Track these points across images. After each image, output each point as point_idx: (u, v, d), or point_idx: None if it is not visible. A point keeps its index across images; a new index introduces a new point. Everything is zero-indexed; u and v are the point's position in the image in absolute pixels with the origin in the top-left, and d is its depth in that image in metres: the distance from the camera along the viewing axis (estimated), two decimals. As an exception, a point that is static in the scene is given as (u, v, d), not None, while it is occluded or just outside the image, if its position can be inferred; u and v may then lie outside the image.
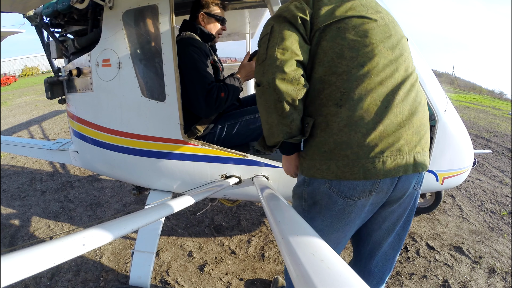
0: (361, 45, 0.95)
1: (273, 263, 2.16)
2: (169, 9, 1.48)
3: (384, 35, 0.98)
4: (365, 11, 0.99)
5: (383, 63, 0.95)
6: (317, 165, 0.98)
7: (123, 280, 2.00)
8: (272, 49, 0.95)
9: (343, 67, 0.94)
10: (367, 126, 0.90)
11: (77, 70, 1.78)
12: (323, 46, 0.97)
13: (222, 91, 1.59)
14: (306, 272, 0.53)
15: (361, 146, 0.90)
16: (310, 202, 1.05)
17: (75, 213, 2.83)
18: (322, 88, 0.97)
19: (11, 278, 0.54)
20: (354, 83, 0.92)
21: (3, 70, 18.93)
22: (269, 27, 1.00)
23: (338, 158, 0.93)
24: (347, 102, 0.92)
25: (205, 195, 1.38)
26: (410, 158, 0.94)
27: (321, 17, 0.97)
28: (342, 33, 0.95)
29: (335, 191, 0.96)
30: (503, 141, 5.77)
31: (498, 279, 2.05)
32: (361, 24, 0.97)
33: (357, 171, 0.91)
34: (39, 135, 5.62)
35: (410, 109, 0.95)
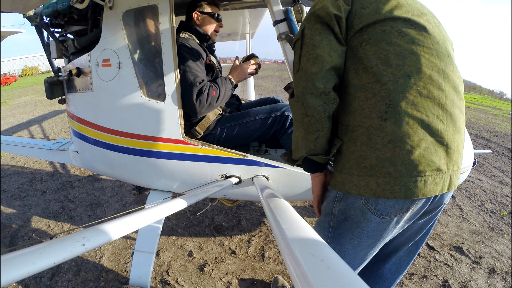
0: (408, 52, 0.86)
1: (273, 263, 2.16)
2: (169, 9, 1.48)
3: (432, 41, 0.90)
4: (412, 12, 0.90)
5: (430, 73, 0.87)
6: (354, 181, 0.91)
7: (123, 280, 2.00)
8: (304, 58, 0.90)
9: (388, 75, 0.86)
10: (412, 143, 0.84)
11: (77, 70, 1.78)
12: (366, 50, 0.88)
13: (213, 89, 1.60)
14: (306, 272, 0.53)
15: (404, 164, 0.84)
16: (341, 218, 0.99)
17: (75, 213, 2.83)
18: (364, 97, 0.88)
19: (11, 278, 0.54)
20: (401, 95, 0.84)
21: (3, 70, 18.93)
22: (301, 30, 0.93)
23: (379, 175, 0.86)
24: (393, 116, 0.84)
25: (205, 195, 1.38)
26: (448, 177, 0.90)
27: (364, 16, 0.88)
28: (388, 37, 0.87)
29: (371, 209, 0.91)
30: (503, 141, 5.76)
31: (498, 279, 2.05)
32: (408, 27, 0.88)
33: (398, 190, 0.85)
34: (39, 135, 5.62)
35: (454, 126, 0.89)
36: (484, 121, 7.70)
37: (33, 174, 3.74)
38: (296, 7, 1.90)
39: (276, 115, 1.71)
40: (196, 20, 1.82)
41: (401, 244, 1.17)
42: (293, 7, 1.90)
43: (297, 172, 1.61)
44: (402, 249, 1.18)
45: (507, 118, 8.62)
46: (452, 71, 0.92)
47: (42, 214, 2.81)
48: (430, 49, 0.88)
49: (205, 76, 1.66)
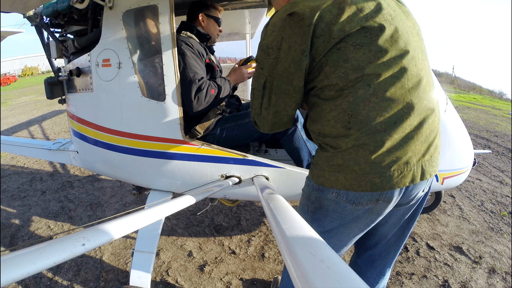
0: (366, 63, 0.89)
1: (273, 263, 2.16)
2: (169, 9, 1.48)
3: (390, 42, 0.90)
4: (366, 15, 0.89)
5: (391, 76, 0.89)
6: (326, 176, 0.99)
7: (123, 280, 2.00)
8: (265, 111, 1.03)
9: (348, 89, 0.90)
10: (375, 143, 0.90)
11: (77, 70, 1.78)
12: (326, 71, 0.92)
13: (212, 88, 1.62)
14: (306, 272, 0.53)
15: (368, 163, 0.91)
16: (317, 205, 1.07)
17: (75, 213, 2.83)
18: (329, 109, 0.94)
19: (11, 278, 0.54)
20: (361, 104, 0.89)
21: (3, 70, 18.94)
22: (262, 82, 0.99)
23: (347, 172, 0.94)
24: (356, 124, 0.90)
25: (205, 195, 1.38)
26: (418, 168, 0.94)
27: (320, 46, 0.90)
28: (344, 53, 0.89)
29: (343, 199, 0.99)
30: (503, 141, 5.77)
31: (498, 279, 2.05)
32: (364, 36, 0.89)
33: (364, 185, 0.93)
34: (39, 135, 5.62)
35: (420, 118, 0.92)
36: (484, 121, 7.70)
37: (33, 174, 3.74)
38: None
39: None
40: (202, 21, 1.85)
41: (387, 231, 1.24)
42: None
43: (297, 172, 1.61)
44: (388, 235, 1.25)
45: (507, 118, 8.62)
46: (415, 65, 0.92)
47: (42, 214, 2.81)
48: (388, 51, 0.89)
49: (204, 74, 1.67)
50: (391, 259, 1.31)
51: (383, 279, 1.36)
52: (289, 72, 0.95)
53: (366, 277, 1.35)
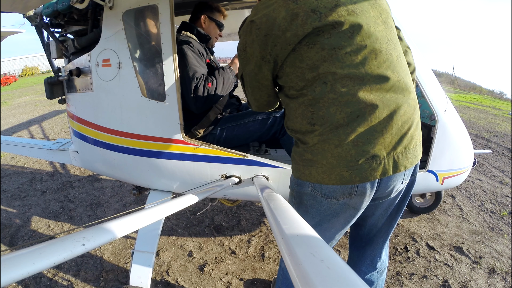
0: (320, 61, 0.90)
1: (273, 263, 2.16)
2: (169, 9, 1.48)
3: (345, 37, 0.90)
4: (319, 16, 0.89)
5: (348, 72, 0.90)
6: (301, 169, 1.04)
7: (123, 280, 2.00)
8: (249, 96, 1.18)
9: (307, 88, 0.95)
10: (338, 138, 0.92)
11: (77, 70, 1.78)
12: (286, 72, 0.98)
13: (209, 81, 1.62)
14: (306, 272, 0.53)
15: (334, 157, 0.94)
16: (298, 200, 1.10)
17: (75, 213, 2.83)
18: (295, 107, 1.01)
19: (11, 278, 0.54)
20: (320, 101, 0.93)
21: (3, 70, 18.93)
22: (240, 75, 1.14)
23: (317, 166, 0.98)
24: (318, 120, 0.94)
25: (205, 195, 1.38)
26: (389, 161, 0.94)
27: (280, 54, 0.95)
28: (298, 54, 0.93)
29: (318, 193, 1.01)
30: (503, 141, 5.77)
31: (498, 279, 2.05)
32: (316, 35, 0.90)
33: (334, 178, 0.95)
34: (39, 135, 5.62)
35: (388, 110, 0.92)
36: (484, 121, 7.70)
37: (33, 174, 3.74)
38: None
39: (276, 116, 1.71)
40: (203, 23, 1.85)
41: (376, 221, 1.28)
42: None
43: (297, 172, 1.61)
44: (378, 225, 1.29)
45: (507, 118, 8.62)
46: (375, 58, 0.91)
47: (42, 214, 2.81)
48: (342, 48, 0.89)
49: (205, 71, 1.66)
50: (379, 249, 1.35)
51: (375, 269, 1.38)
52: (255, 73, 1.04)
53: (358, 266, 1.38)
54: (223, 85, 1.68)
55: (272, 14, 0.92)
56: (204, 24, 1.86)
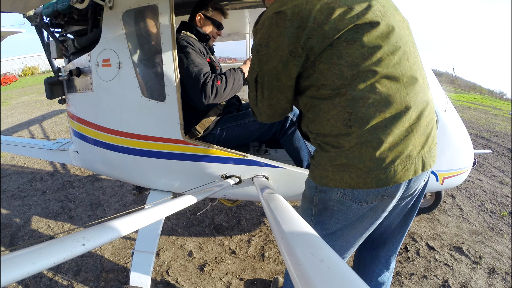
0: (360, 59, 0.89)
1: (273, 263, 2.16)
2: (169, 9, 1.48)
3: (382, 37, 0.90)
4: (357, 13, 0.89)
5: (387, 71, 0.90)
6: (330, 176, 0.98)
7: (123, 280, 2.00)
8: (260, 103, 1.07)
9: (345, 87, 0.90)
10: (377, 140, 0.90)
11: (77, 70, 1.78)
12: (320, 69, 0.92)
13: (218, 79, 1.60)
14: (306, 272, 0.53)
15: (372, 160, 0.91)
16: (321, 207, 1.06)
17: (75, 212, 2.83)
18: (328, 109, 0.94)
19: (11, 278, 0.54)
20: (360, 101, 0.89)
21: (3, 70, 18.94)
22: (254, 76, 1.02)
23: (351, 170, 0.93)
24: (357, 122, 0.90)
25: (205, 195, 1.38)
26: (419, 160, 0.95)
27: (315, 47, 0.90)
28: (337, 50, 0.89)
29: (348, 198, 0.98)
30: (503, 141, 5.76)
31: (498, 280, 2.05)
32: (355, 32, 0.88)
33: (370, 182, 0.93)
34: (39, 134, 5.62)
35: (417, 111, 0.93)
36: (484, 121, 7.70)
37: (33, 174, 3.74)
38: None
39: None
40: (198, 22, 1.83)
41: (391, 221, 1.26)
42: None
43: (297, 172, 1.61)
44: (393, 225, 1.28)
45: (507, 118, 8.62)
46: (407, 59, 0.93)
47: (42, 214, 2.81)
48: (381, 47, 0.89)
49: (209, 69, 1.65)
50: (394, 248, 1.33)
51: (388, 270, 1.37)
52: (278, 71, 0.96)
53: (372, 268, 1.37)
54: (232, 85, 1.66)
55: (306, 6, 0.89)
56: (200, 23, 1.83)
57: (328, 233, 1.07)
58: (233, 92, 1.69)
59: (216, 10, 1.85)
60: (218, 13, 1.87)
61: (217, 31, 1.90)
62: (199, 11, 1.83)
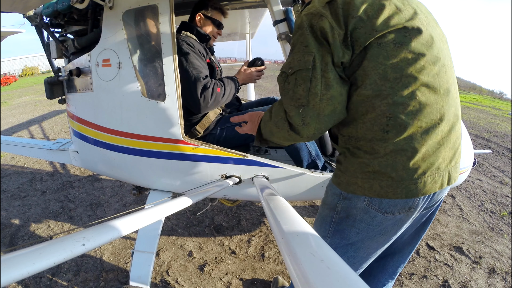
0: (405, 63, 0.86)
1: (273, 263, 2.16)
2: (169, 9, 1.48)
3: (426, 46, 0.88)
4: (405, 16, 0.88)
5: (427, 80, 0.87)
6: (358, 183, 0.95)
7: (123, 280, 2.00)
8: (316, 97, 0.87)
9: (387, 89, 0.86)
10: (412, 149, 0.88)
11: (77, 70, 1.78)
12: (364, 66, 0.87)
13: (218, 86, 1.62)
14: (306, 272, 0.53)
15: (405, 169, 0.89)
16: (343, 215, 1.03)
17: (75, 213, 2.83)
18: (365, 111, 0.90)
19: (11, 278, 0.54)
20: (400, 107, 0.86)
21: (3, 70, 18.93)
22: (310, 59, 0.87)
23: (382, 178, 0.91)
24: (394, 128, 0.87)
25: (205, 195, 1.38)
26: (446, 174, 0.94)
27: (361, 37, 0.86)
28: (384, 50, 0.86)
29: (375, 208, 0.95)
30: (503, 141, 5.77)
31: (498, 279, 2.05)
32: (404, 36, 0.86)
33: (400, 192, 0.91)
34: (39, 135, 5.62)
35: (449, 125, 0.92)
36: (484, 121, 7.70)
37: (33, 174, 3.74)
38: (296, 7, 1.89)
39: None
40: (198, 22, 1.84)
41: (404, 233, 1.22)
42: (293, 7, 1.90)
43: (297, 172, 1.61)
44: (404, 237, 1.24)
45: (507, 118, 8.62)
46: (445, 72, 0.92)
47: (42, 214, 2.81)
48: (424, 56, 0.88)
49: (207, 73, 1.66)
50: (404, 259, 1.31)
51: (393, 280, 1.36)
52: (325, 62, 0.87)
53: (378, 277, 1.34)
54: (228, 93, 1.69)
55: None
56: (199, 23, 1.84)
57: (347, 242, 1.05)
58: (228, 100, 1.72)
59: (216, 9, 1.85)
60: (218, 13, 1.87)
61: (217, 30, 1.90)
62: (199, 11, 1.83)
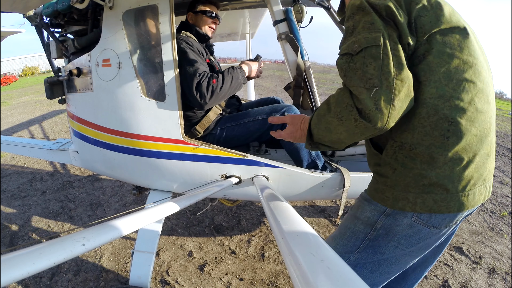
0: (466, 66, 0.81)
1: (273, 263, 2.16)
2: (169, 9, 1.48)
3: (480, 51, 0.84)
4: (462, 19, 0.83)
5: (482, 87, 0.83)
6: (410, 198, 0.86)
7: (123, 280, 2.00)
8: (390, 78, 0.74)
9: (450, 91, 0.80)
10: (468, 158, 0.82)
11: (77, 70, 1.78)
12: (429, 61, 0.81)
13: (213, 78, 1.58)
14: (306, 272, 0.53)
15: (460, 180, 0.83)
16: (382, 232, 0.94)
17: (75, 213, 2.83)
18: (426, 114, 0.82)
19: (11, 278, 0.54)
20: (461, 111, 0.80)
21: (3, 70, 18.94)
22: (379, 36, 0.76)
23: (437, 192, 0.84)
24: (455, 134, 0.80)
25: (205, 195, 1.38)
26: (489, 185, 0.91)
27: (426, 24, 0.80)
28: (449, 48, 0.80)
29: (422, 223, 0.88)
30: (503, 141, 5.76)
31: (498, 279, 2.05)
32: (465, 38, 0.81)
33: (453, 205, 0.84)
34: (39, 135, 5.62)
35: (493, 135, 0.89)
36: (484, 121, 7.69)
37: (33, 174, 3.74)
38: (296, 7, 1.90)
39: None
40: (190, 20, 1.85)
41: None
42: (293, 7, 1.90)
43: (297, 172, 1.61)
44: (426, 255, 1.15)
45: (507, 118, 8.62)
46: (490, 82, 0.89)
47: (42, 214, 2.81)
48: (479, 60, 0.84)
49: (206, 68, 1.63)
50: (424, 272, 1.24)
51: None
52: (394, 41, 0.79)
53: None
54: (230, 84, 1.62)
55: None
56: (192, 21, 1.85)
57: (381, 258, 0.98)
58: (231, 91, 1.66)
59: (204, 4, 1.84)
60: (207, 5, 1.85)
61: (211, 20, 1.86)
62: (188, 11, 1.86)
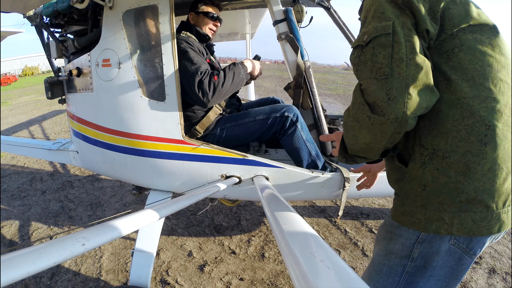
0: (500, 67, 0.73)
1: (273, 263, 2.16)
2: (169, 9, 1.48)
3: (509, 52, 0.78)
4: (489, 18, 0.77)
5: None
6: (445, 219, 0.74)
7: (123, 280, 2.00)
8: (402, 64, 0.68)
9: (486, 90, 0.71)
10: (507, 169, 0.72)
11: (77, 70, 1.78)
12: (460, 58, 0.73)
13: (215, 75, 1.58)
14: (306, 272, 0.53)
15: (500, 195, 0.72)
16: (420, 262, 0.81)
17: (75, 213, 2.83)
18: (460, 115, 0.72)
19: (11, 278, 0.54)
20: (498, 114, 0.71)
21: (3, 70, 18.94)
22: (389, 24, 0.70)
23: (477, 209, 0.72)
24: (492, 140, 0.71)
25: (205, 195, 1.38)
26: None
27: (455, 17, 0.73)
28: (481, 45, 0.73)
29: (462, 248, 0.76)
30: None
31: (498, 279, 2.05)
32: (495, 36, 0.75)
33: (494, 225, 0.73)
34: (39, 135, 5.62)
35: None
36: (484, 121, 7.70)
37: (33, 174, 3.74)
38: (296, 7, 1.90)
39: (276, 116, 1.71)
40: (191, 20, 1.85)
41: None
42: (293, 7, 1.90)
43: (297, 172, 1.61)
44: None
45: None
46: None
47: (42, 214, 2.81)
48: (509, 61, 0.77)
49: (207, 66, 1.63)
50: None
51: None
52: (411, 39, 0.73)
53: None
54: (232, 80, 1.62)
55: None
56: (193, 21, 1.85)
57: None
58: (234, 87, 1.65)
59: (206, 4, 1.85)
60: (209, 6, 1.86)
61: (213, 22, 1.86)
62: (190, 11, 1.86)
